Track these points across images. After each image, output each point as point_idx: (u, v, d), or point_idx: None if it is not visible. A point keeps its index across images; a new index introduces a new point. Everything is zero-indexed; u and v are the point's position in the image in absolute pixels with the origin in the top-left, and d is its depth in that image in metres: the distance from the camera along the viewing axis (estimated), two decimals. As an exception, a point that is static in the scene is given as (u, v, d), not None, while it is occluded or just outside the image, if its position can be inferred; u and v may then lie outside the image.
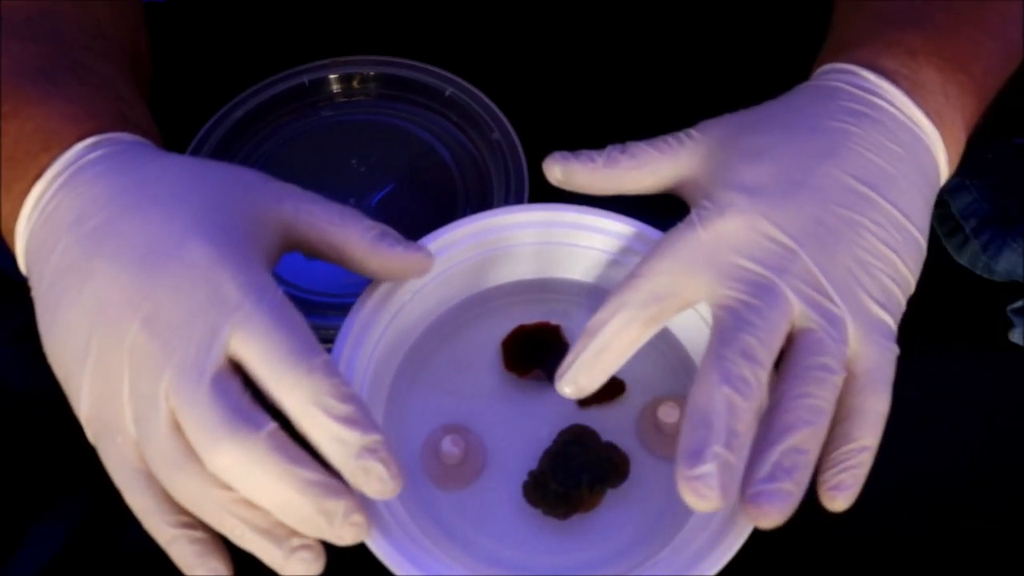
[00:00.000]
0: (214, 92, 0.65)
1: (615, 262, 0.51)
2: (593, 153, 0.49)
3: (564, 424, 0.49)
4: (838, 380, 0.42)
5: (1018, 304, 0.59)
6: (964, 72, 0.50)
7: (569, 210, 0.51)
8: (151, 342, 0.40)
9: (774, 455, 0.40)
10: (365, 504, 0.41)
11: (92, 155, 0.45)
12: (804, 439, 0.40)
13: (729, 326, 0.42)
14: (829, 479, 0.41)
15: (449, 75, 0.65)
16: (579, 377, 0.45)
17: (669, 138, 0.49)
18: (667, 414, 0.48)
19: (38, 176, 0.45)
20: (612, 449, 0.48)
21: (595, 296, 0.52)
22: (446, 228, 0.50)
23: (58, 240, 0.43)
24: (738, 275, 0.44)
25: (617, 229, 0.51)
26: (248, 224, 0.44)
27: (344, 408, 0.39)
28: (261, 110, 0.65)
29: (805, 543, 0.40)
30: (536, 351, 0.51)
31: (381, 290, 0.49)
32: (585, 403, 0.50)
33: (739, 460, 0.40)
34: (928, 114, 0.48)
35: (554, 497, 0.46)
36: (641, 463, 0.48)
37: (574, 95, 0.67)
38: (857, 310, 0.43)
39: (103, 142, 0.46)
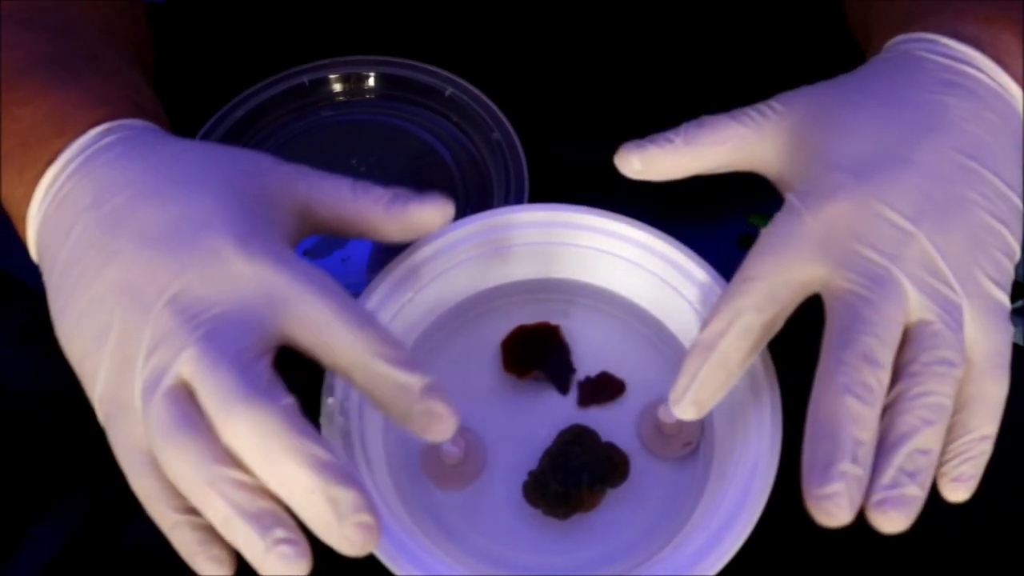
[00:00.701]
0: (214, 92, 0.65)
1: (615, 262, 0.51)
2: (668, 133, 0.46)
3: (564, 424, 0.49)
4: (958, 373, 0.40)
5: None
6: None
7: (569, 210, 0.51)
8: (175, 318, 0.40)
9: (897, 459, 0.39)
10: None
11: (106, 140, 0.45)
12: (927, 439, 0.39)
13: (846, 324, 0.40)
14: (950, 471, 0.40)
15: (449, 75, 0.65)
16: (701, 395, 0.42)
17: (750, 111, 0.47)
18: (667, 414, 0.47)
19: (51, 161, 0.45)
20: (612, 449, 0.48)
21: (595, 296, 0.52)
22: (446, 228, 0.50)
23: (74, 223, 0.43)
24: (856, 264, 0.41)
25: (616, 229, 0.51)
26: (267, 204, 0.44)
27: (400, 354, 0.40)
28: (261, 110, 0.65)
29: (804, 543, 0.40)
30: (536, 351, 0.51)
31: (381, 290, 0.49)
32: (585, 403, 0.50)
33: (865, 471, 0.39)
34: (1016, 79, 0.46)
35: (554, 497, 0.46)
36: (641, 463, 0.48)
37: (574, 95, 0.67)
38: (976, 293, 0.41)
39: (117, 128, 0.46)
